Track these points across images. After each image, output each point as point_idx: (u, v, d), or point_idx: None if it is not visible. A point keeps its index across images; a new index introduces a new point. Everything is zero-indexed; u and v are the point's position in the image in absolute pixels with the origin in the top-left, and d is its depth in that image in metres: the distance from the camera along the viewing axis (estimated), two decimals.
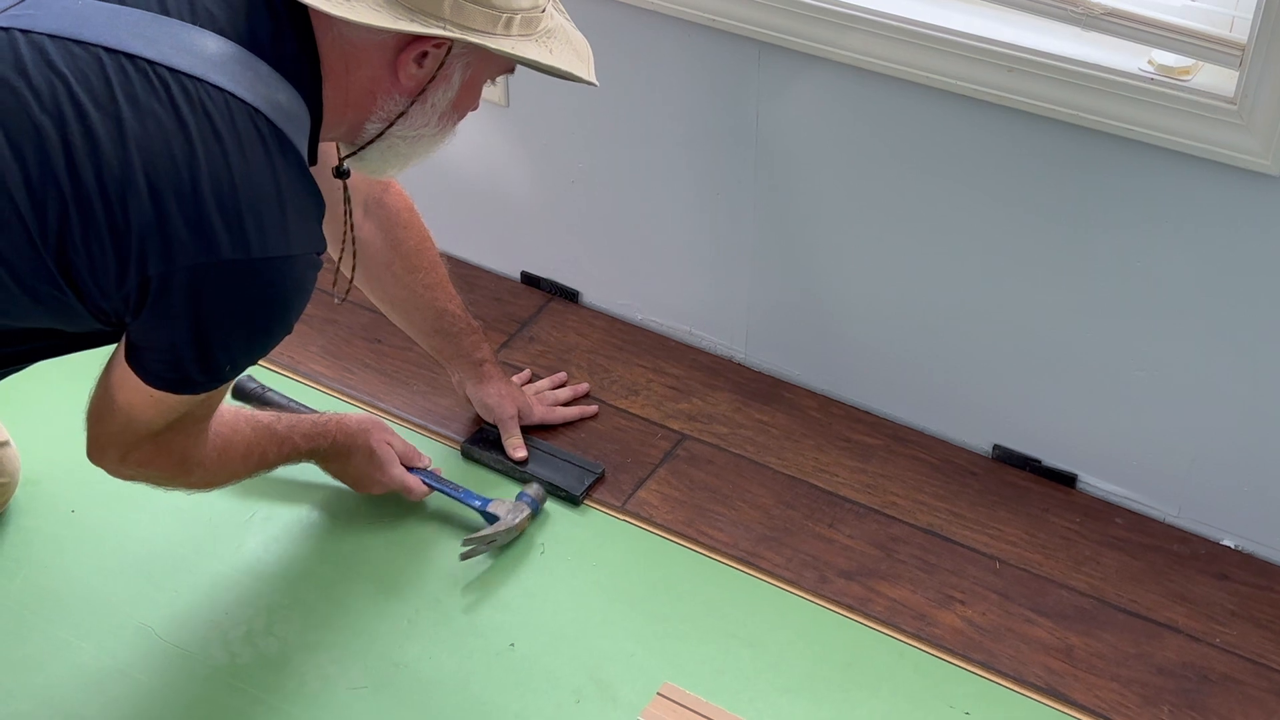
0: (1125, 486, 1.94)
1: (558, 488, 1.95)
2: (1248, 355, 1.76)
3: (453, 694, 1.71)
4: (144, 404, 1.48)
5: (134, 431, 1.52)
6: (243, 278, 1.37)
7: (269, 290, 1.40)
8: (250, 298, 1.40)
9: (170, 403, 1.48)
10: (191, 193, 1.32)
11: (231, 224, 1.34)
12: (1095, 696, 1.71)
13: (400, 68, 1.43)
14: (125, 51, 1.32)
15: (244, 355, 1.47)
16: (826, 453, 2.02)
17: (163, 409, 1.49)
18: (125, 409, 1.50)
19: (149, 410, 1.49)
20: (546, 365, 2.16)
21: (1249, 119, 1.58)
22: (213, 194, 1.33)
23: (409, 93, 1.46)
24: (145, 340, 1.43)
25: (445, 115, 1.51)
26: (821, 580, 1.84)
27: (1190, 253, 1.73)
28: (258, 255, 1.36)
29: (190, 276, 1.35)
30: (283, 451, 1.77)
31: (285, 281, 1.41)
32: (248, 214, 1.34)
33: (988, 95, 1.73)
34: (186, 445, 1.59)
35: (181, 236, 1.33)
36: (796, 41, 1.82)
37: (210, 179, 1.33)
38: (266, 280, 1.39)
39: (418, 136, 1.51)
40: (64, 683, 1.71)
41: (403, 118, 1.48)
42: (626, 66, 2.00)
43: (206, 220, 1.33)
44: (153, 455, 1.57)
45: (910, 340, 2.00)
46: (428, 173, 2.29)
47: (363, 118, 1.49)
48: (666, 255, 2.15)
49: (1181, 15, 1.61)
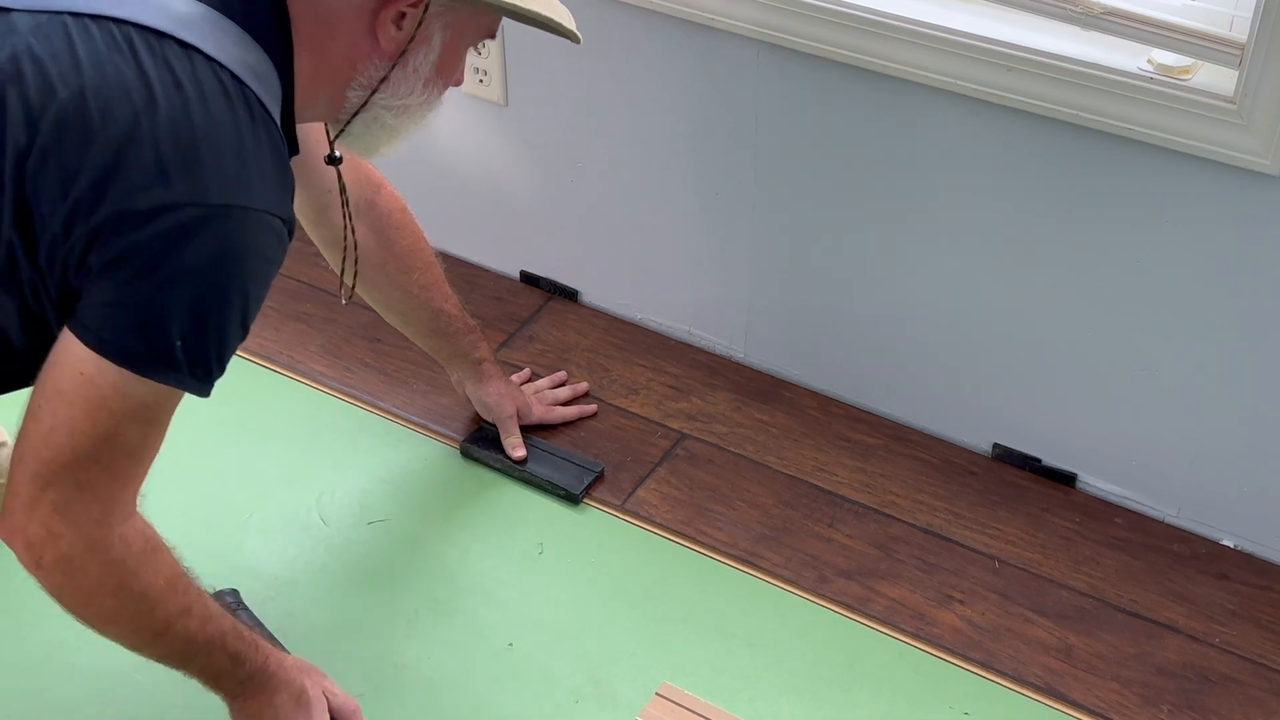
0: (1125, 486, 1.93)
1: (557, 486, 1.95)
2: (1248, 355, 1.76)
3: (452, 694, 1.71)
4: (73, 393, 1.33)
5: (53, 448, 1.35)
6: (199, 227, 1.29)
7: (226, 247, 1.31)
8: (207, 253, 1.30)
9: (102, 391, 1.33)
10: (149, 137, 1.28)
11: (189, 169, 1.28)
12: (1095, 696, 1.71)
13: (379, 29, 1.40)
14: (90, 13, 1.30)
15: (192, 331, 1.33)
16: (826, 452, 2.02)
17: (91, 403, 1.33)
18: (49, 412, 1.35)
19: (76, 406, 1.33)
20: (546, 364, 2.16)
21: (1249, 118, 1.58)
22: (170, 139, 1.28)
23: (389, 56, 1.43)
24: (90, 296, 1.32)
25: (429, 82, 1.48)
26: (821, 580, 1.84)
27: (1190, 252, 1.73)
28: (216, 202, 1.29)
29: (139, 221, 1.29)
30: (206, 630, 1.50)
31: (242, 235, 1.32)
32: (207, 161, 1.29)
33: (987, 94, 1.73)
34: (112, 490, 1.39)
35: (135, 180, 1.28)
36: (796, 41, 1.82)
37: (168, 125, 1.29)
38: (225, 233, 1.30)
39: (403, 106, 1.48)
40: (63, 684, 1.71)
41: (385, 84, 1.44)
42: (626, 66, 2.00)
43: (162, 165, 1.28)
44: (71, 496, 1.36)
45: (910, 339, 2.00)
46: (427, 172, 2.29)
47: (342, 86, 1.44)
48: (666, 254, 2.15)
49: (1181, 15, 1.61)
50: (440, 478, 1.98)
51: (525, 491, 1.96)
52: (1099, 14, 1.63)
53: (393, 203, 1.87)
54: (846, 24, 1.77)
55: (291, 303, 2.24)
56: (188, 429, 2.02)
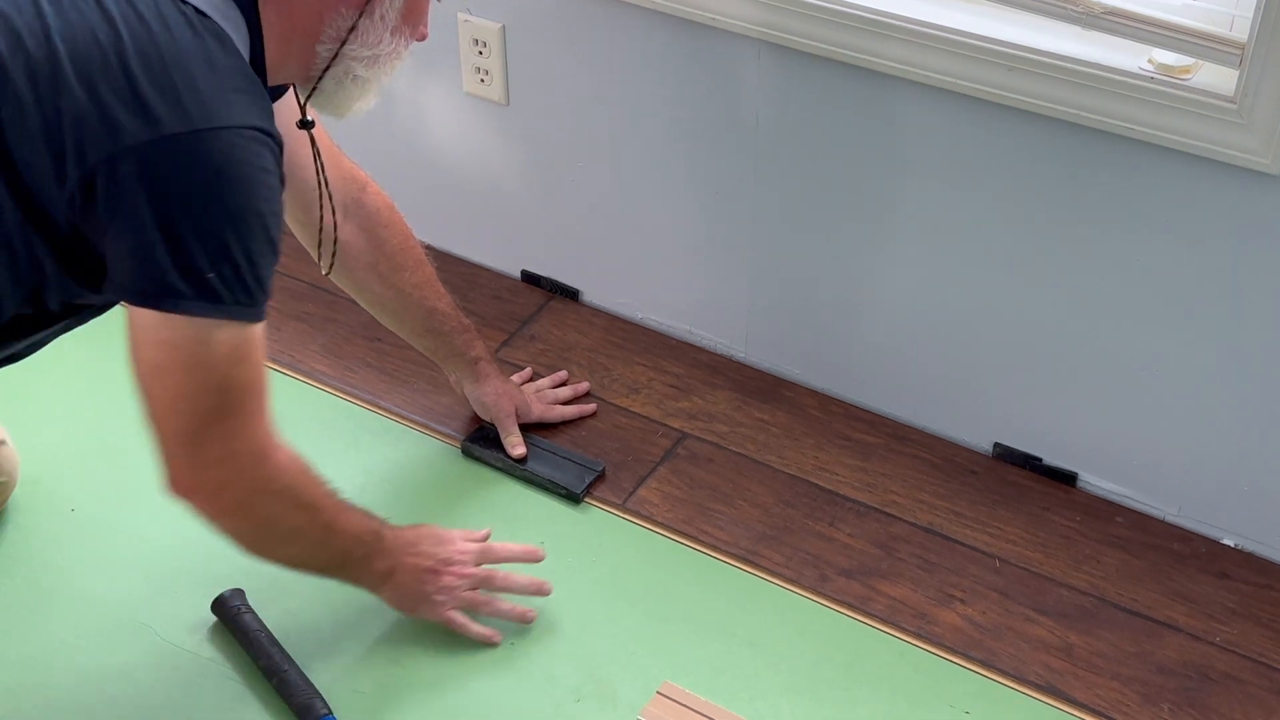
0: (1126, 485, 1.94)
1: (558, 485, 1.95)
2: (1248, 354, 1.76)
3: (453, 693, 1.71)
4: (165, 362, 1.39)
5: (181, 415, 1.42)
6: (192, 151, 1.31)
7: (224, 164, 1.33)
8: (206, 174, 1.32)
9: (187, 349, 1.38)
10: (121, 73, 1.30)
11: (168, 97, 1.31)
12: (1096, 695, 1.71)
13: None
14: None
15: (220, 258, 1.35)
16: (827, 451, 2.02)
17: (184, 365, 1.39)
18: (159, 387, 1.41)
19: (174, 373, 1.39)
20: (547, 364, 2.16)
21: (1249, 118, 1.58)
22: (142, 71, 1.30)
23: (356, 4, 1.45)
24: (116, 254, 1.36)
25: (396, 29, 1.49)
26: (822, 579, 1.84)
27: (1190, 251, 1.73)
28: (202, 126, 1.31)
29: (136, 159, 1.31)
30: (355, 521, 1.63)
31: (239, 153, 1.34)
32: (183, 86, 1.31)
33: (987, 94, 1.73)
34: (252, 428, 1.46)
35: (118, 119, 1.30)
36: (796, 40, 1.82)
37: (138, 57, 1.31)
38: (218, 151, 1.32)
39: (373, 57, 1.48)
40: (63, 682, 1.71)
41: (354, 34, 1.46)
42: (626, 65, 2.00)
43: (140, 97, 1.30)
44: (220, 448, 1.45)
45: (910, 339, 2.00)
46: (428, 171, 2.30)
47: (311, 41, 1.46)
48: (666, 254, 2.15)
49: (1181, 14, 1.61)
50: (441, 477, 1.98)
51: (526, 491, 1.96)
52: (1099, 14, 1.63)
53: (379, 200, 1.86)
54: (847, 23, 1.77)
55: (292, 302, 2.25)
56: None
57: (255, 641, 1.72)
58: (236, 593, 1.77)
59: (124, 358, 2.13)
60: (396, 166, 2.32)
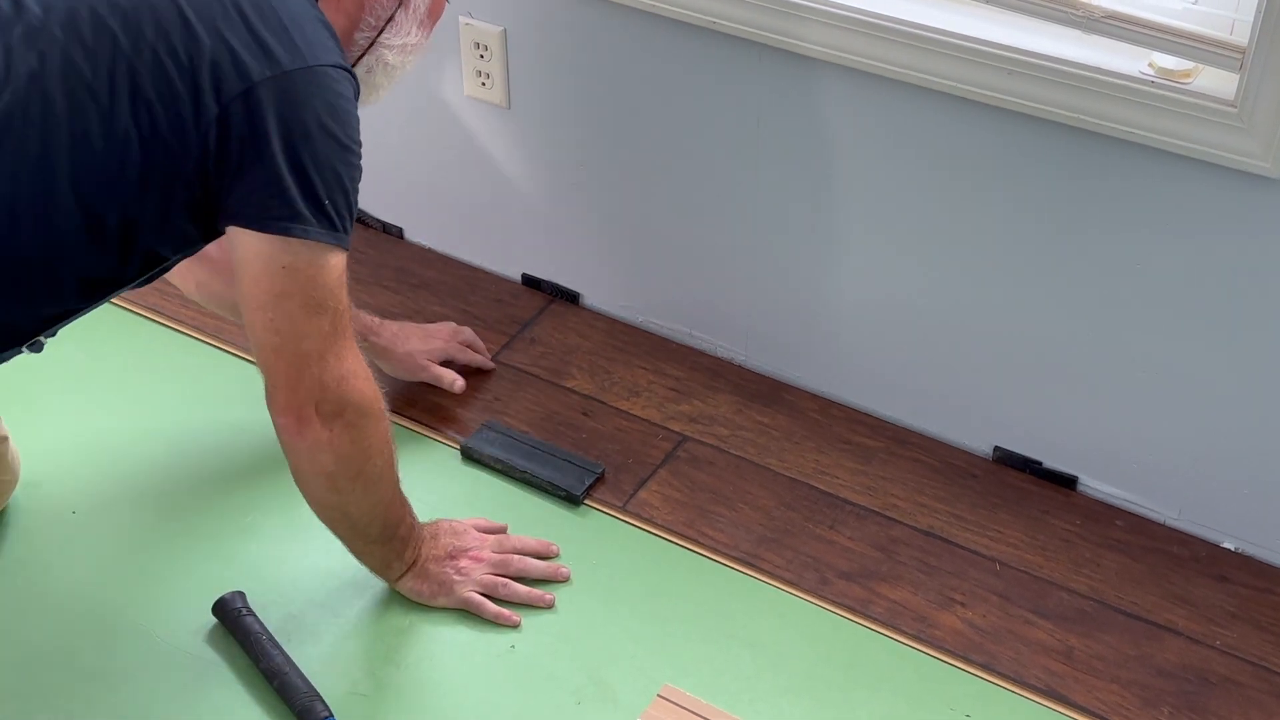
0: (1126, 489, 1.94)
1: (558, 487, 1.95)
2: (1248, 357, 1.76)
3: (454, 696, 1.71)
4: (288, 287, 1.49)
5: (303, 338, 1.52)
6: (308, 85, 1.46)
7: (332, 97, 1.48)
8: (320, 105, 1.46)
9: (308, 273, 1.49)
10: (239, 17, 1.45)
11: (283, 39, 1.45)
12: (1095, 698, 1.71)
13: None
14: None
15: (335, 187, 1.49)
16: (827, 454, 2.02)
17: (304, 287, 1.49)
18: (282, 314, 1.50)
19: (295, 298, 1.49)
20: (548, 366, 2.16)
21: (1249, 122, 1.59)
22: (257, 15, 1.45)
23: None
24: (246, 186, 1.47)
25: (423, 23, 1.64)
26: (822, 582, 1.85)
27: (1190, 255, 1.73)
28: (314, 63, 1.46)
29: (264, 93, 1.44)
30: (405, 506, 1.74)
31: (343, 88, 1.49)
32: (294, 30, 1.46)
33: (988, 98, 1.73)
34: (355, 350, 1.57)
35: (243, 58, 1.43)
36: (797, 44, 1.82)
37: (250, 3, 1.46)
38: (327, 86, 1.47)
39: (403, 45, 1.63)
40: (64, 684, 1.71)
41: (390, 24, 1.61)
42: (627, 68, 2.00)
43: (260, 39, 1.44)
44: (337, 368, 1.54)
45: (911, 342, 2.00)
46: (429, 174, 2.30)
47: (352, 28, 1.60)
48: (667, 257, 2.15)
49: (1182, 18, 1.61)
50: (441, 478, 1.98)
51: (526, 493, 1.96)
52: (1100, 18, 1.64)
53: None
54: (848, 27, 1.77)
55: None
56: (190, 430, 2.04)
57: (256, 644, 1.72)
58: (237, 595, 1.77)
59: (125, 362, 2.14)
60: (397, 169, 2.33)
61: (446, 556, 1.79)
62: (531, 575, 1.82)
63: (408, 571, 1.77)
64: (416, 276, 2.33)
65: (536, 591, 1.80)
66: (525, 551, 1.84)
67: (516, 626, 1.77)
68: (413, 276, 2.33)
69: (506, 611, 1.77)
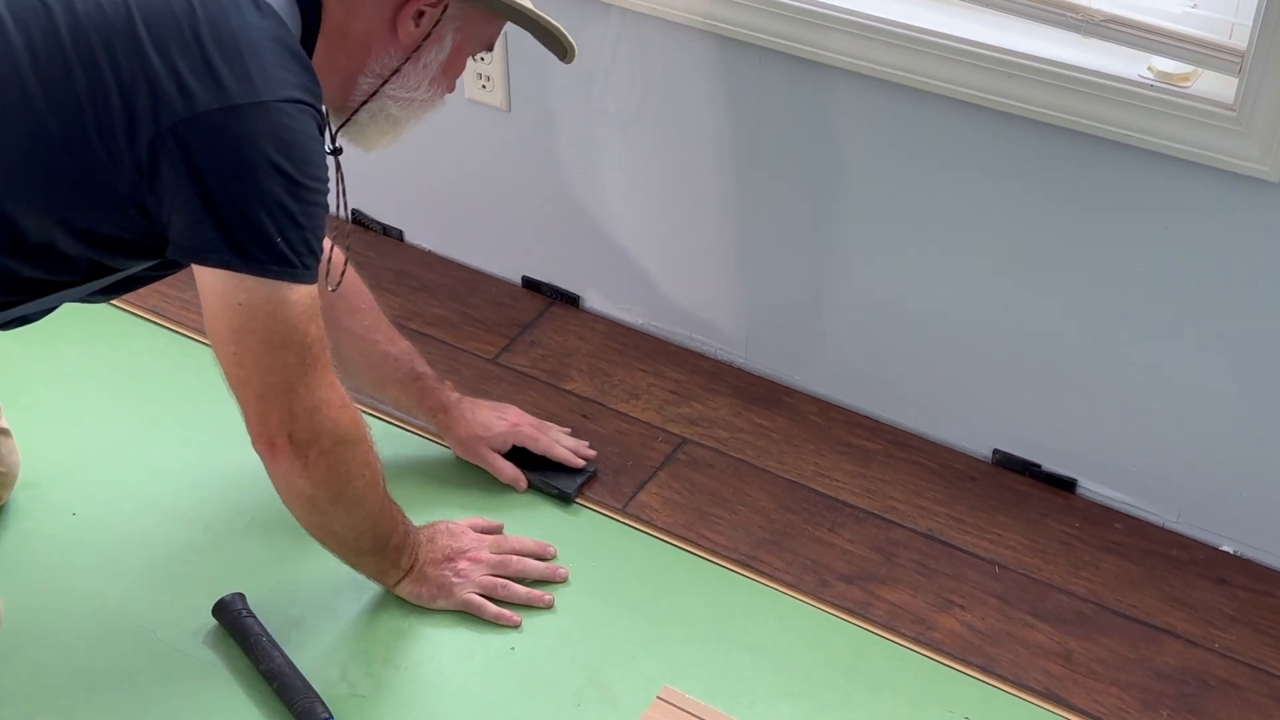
0: (1124, 492, 1.94)
1: (550, 486, 1.95)
2: (1247, 360, 1.76)
3: (453, 697, 1.71)
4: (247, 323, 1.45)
5: (268, 372, 1.48)
6: (257, 120, 1.40)
7: (284, 132, 1.41)
8: (269, 140, 1.41)
9: (265, 308, 1.45)
10: (194, 42, 1.39)
11: (235, 70, 1.39)
12: (1094, 701, 1.71)
13: (399, 24, 1.52)
14: None
15: (287, 222, 1.43)
16: (826, 457, 2.03)
17: (264, 323, 1.46)
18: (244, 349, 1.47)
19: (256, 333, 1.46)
20: (548, 369, 2.16)
21: (1248, 125, 1.59)
22: (213, 42, 1.39)
23: (405, 50, 1.54)
24: (184, 219, 1.43)
25: (436, 80, 1.59)
26: (821, 584, 1.85)
27: (1189, 258, 1.73)
28: (267, 97, 1.40)
29: (204, 125, 1.39)
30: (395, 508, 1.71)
31: (298, 122, 1.43)
32: (250, 60, 1.40)
33: (988, 101, 1.73)
34: (330, 378, 1.53)
35: (190, 85, 1.38)
36: (797, 47, 1.82)
37: (210, 29, 1.39)
38: (278, 121, 1.41)
39: (409, 99, 1.58)
40: (65, 686, 1.71)
41: (396, 75, 1.55)
42: (627, 72, 2.00)
43: (212, 67, 1.39)
44: (307, 399, 1.51)
45: (910, 345, 2.00)
46: (430, 177, 2.30)
47: (356, 72, 1.55)
48: (667, 260, 2.15)
49: (1181, 22, 1.62)
50: (440, 481, 1.98)
51: (523, 494, 1.96)
52: (1099, 21, 1.64)
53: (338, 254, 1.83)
54: (848, 30, 1.77)
55: None
56: (191, 432, 2.04)
57: (256, 645, 1.72)
58: (238, 597, 1.77)
59: (125, 363, 2.14)
60: (397, 172, 2.33)
61: (444, 559, 1.78)
62: (530, 576, 1.82)
63: (405, 577, 1.77)
64: (416, 279, 2.33)
65: (536, 592, 1.80)
66: (523, 552, 1.84)
67: (517, 626, 1.77)
68: (413, 279, 2.33)
69: (507, 612, 1.78)
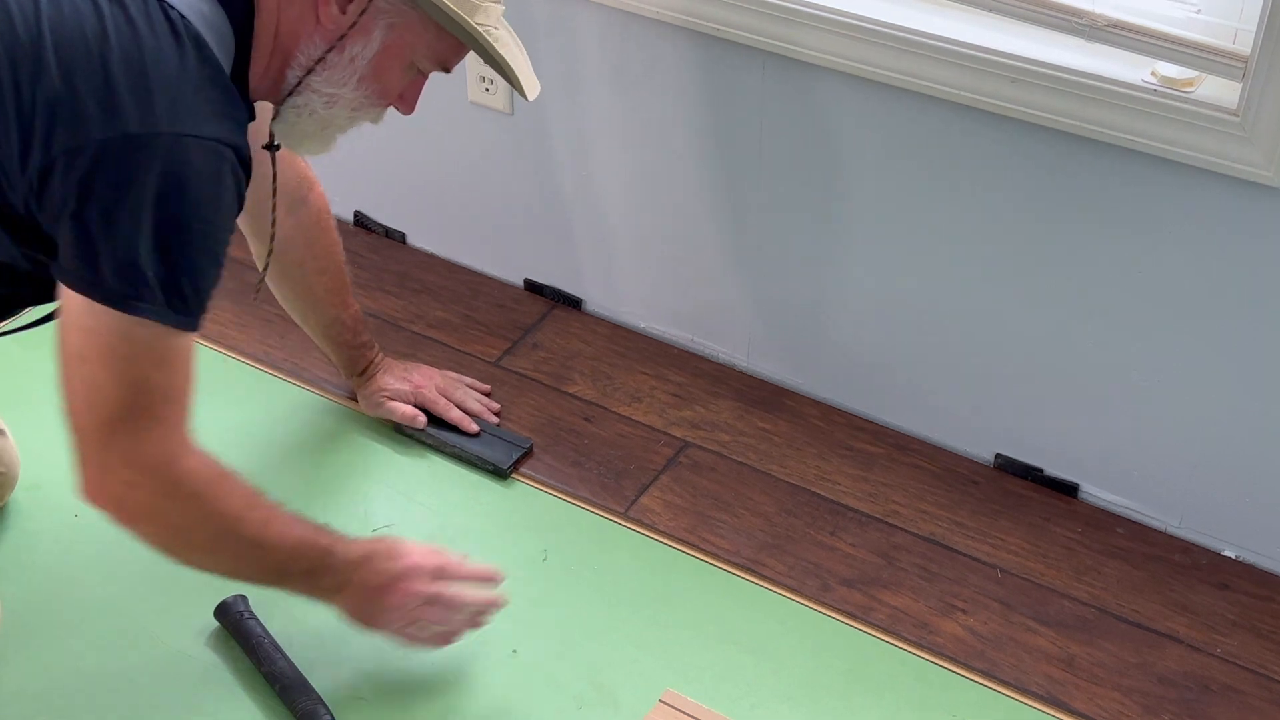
0: (1127, 496, 1.94)
1: (485, 461, 1.96)
2: (1249, 365, 1.76)
3: (455, 700, 1.71)
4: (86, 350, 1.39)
5: (95, 408, 1.40)
6: (150, 153, 1.34)
7: (179, 170, 1.35)
8: (160, 176, 1.34)
9: (108, 341, 1.38)
10: (101, 69, 1.33)
11: (140, 100, 1.33)
12: (1096, 706, 1.71)
13: (321, 6, 1.45)
14: None
15: (161, 261, 1.37)
16: (829, 461, 2.03)
17: (105, 356, 1.38)
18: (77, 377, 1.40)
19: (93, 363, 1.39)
20: (550, 372, 2.16)
21: (1251, 131, 1.59)
22: (122, 71, 1.33)
23: (328, 38, 1.47)
24: (62, 240, 1.38)
25: (365, 79, 1.50)
26: (823, 588, 1.85)
27: (1192, 263, 1.73)
28: (166, 130, 1.34)
29: (96, 151, 1.33)
30: (292, 533, 1.56)
31: (197, 163, 1.36)
32: (161, 93, 1.34)
33: (991, 105, 1.74)
34: (164, 432, 1.43)
35: (89, 112, 1.33)
36: (801, 51, 1.83)
37: (120, 57, 1.34)
38: (176, 157, 1.35)
39: (334, 95, 1.51)
40: (67, 687, 1.71)
41: (321, 65, 1.48)
42: (631, 75, 2.00)
43: (115, 95, 1.33)
44: (131, 446, 1.42)
45: (913, 349, 2.00)
46: (432, 179, 2.30)
47: (286, 63, 1.49)
48: (669, 263, 2.15)
49: (1185, 27, 1.62)
50: (444, 485, 1.99)
51: (530, 496, 1.96)
52: (1103, 26, 1.64)
53: (321, 203, 1.91)
54: (852, 35, 1.78)
55: None
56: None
57: (259, 647, 1.72)
58: (240, 598, 1.77)
59: None
60: (400, 174, 2.33)
61: (378, 587, 1.62)
62: (467, 606, 1.67)
63: (334, 599, 1.62)
64: (419, 281, 2.33)
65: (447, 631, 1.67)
66: (468, 578, 1.69)
67: None
68: (415, 282, 2.33)
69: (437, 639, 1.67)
